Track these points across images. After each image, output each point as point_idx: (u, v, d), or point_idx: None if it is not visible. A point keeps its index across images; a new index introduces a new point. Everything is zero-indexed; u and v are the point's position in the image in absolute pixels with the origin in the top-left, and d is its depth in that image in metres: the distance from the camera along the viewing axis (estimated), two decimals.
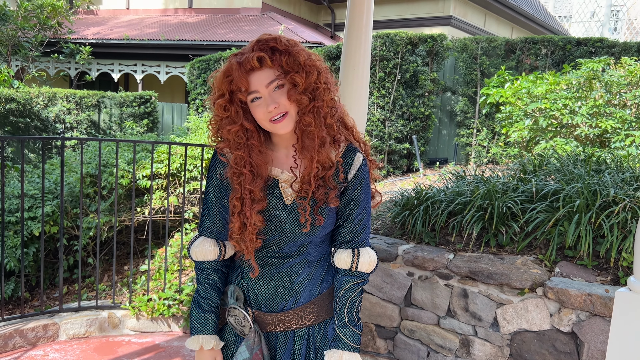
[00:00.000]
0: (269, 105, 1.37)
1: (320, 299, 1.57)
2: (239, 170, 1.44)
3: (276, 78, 1.38)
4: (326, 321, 1.59)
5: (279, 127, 1.40)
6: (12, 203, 4.06)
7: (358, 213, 1.53)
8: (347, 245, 1.55)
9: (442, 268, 2.95)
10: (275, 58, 1.38)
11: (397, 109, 8.36)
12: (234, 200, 1.45)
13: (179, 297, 3.76)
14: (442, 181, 4.05)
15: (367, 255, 1.55)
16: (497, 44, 8.56)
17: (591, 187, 2.95)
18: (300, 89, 1.38)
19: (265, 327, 1.55)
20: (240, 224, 1.45)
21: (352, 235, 1.54)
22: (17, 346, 3.37)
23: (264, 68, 1.37)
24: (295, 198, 1.47)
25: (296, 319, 1.54)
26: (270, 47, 1.38)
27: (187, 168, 4.50)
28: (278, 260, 1.52)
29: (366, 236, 1.57)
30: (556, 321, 2.59)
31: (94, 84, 13.57)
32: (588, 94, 5.06)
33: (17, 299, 4.02)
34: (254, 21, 12.99)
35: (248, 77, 1.38)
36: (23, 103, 9.07)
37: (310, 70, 1.40)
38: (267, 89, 1.38)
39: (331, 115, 1.45)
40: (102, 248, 4.57)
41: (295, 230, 1.48)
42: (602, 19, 22.78)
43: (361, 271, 1.55)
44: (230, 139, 1.45)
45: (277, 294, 1.53)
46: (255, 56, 1.36)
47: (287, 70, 1.38)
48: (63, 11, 11.64)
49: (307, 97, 1.39)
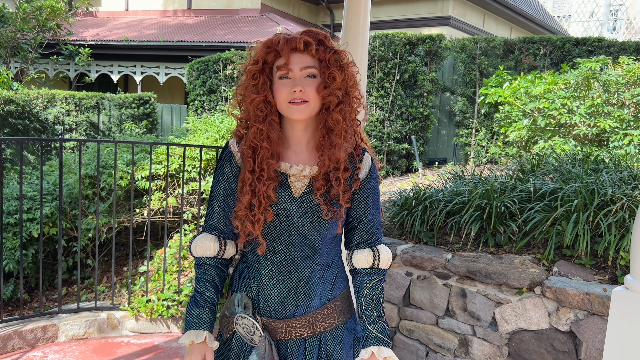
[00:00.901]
0: (295, 86, 1.40)
1: (331, 305, 1.54)
2: (258, 144, 1.44)
3: (312, 66, 1.41)
4: (338, 328, 1.56)
5: (294, 110, 1.41)
6: (11, 204, 4.07)
7: (372, 212, 1.56)
8: (365, 245, 1.57)
9: (440, 268, 2.96)
10: (320, 49, 1.42)
11: (396, 109, 8.36)
12: (247, 174, 1.44)
13: (178, 298, 3.76)
14: (441, 181, 4.05)
15: (385, 252, 1.58)
16: (496, 44, 8.56)
17: (589, 186, 2.96)
18: (335, 86, 1.41)
19: (275, 335, 1.51)
20: (251, 196, 1.43)
21: (368, 235, 1.57)
22: (16, 347, 3.37)
23: (305, 53, 1.41)
24: (305, 191, 1.47)
25: (307, 325, 1.51)
26: (319, 39, 1.43)
27: (186, 169, 4.50)
28: (288, 261, 1.49)
29: (380, 234, 1.60)
30: (554, 320, 2.59)
31: (94, 85, 13.57)
32: (586, 94, 5.06)
33: (16, 301, 4.02)
34: (253, 22, 13.00)
35: (290, 55, 1.41)
36: (22, 105, 9.08)
37: (349, 76, 1.46)
38: (300, 72, 1.41)
39: (356, 124, 1.51)
40: (101, 249, 4.57)
41: (304, 224, 1.47)
42: (601, 19, 22.79)
43: (381, 268, 1.57)
44: (251, 110, 1.45)
45: (288, 298, 1.50)
46: (303, 40, 1.40)
47: (328, 65, 1.41)
48: (62, 13, 11.64)
49: (337, 96, 1.43)
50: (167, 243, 4.21)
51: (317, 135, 1.47)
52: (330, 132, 1.44)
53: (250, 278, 1.53)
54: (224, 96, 9.63)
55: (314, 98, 1.41)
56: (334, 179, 1.46)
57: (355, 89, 1.48)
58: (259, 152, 1.45)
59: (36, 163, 7.80)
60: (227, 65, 9.60)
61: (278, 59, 1.43)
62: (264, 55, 1.43)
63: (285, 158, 1.50)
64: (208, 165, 4.62)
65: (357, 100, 1.49)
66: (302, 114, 1.41)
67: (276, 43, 1.42)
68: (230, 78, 9.57)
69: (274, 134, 1.44)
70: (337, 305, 1.56)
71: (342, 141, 1.45)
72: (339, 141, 1.44)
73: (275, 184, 1.45)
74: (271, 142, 1.45)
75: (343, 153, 1.47)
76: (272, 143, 1.45)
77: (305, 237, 1.48)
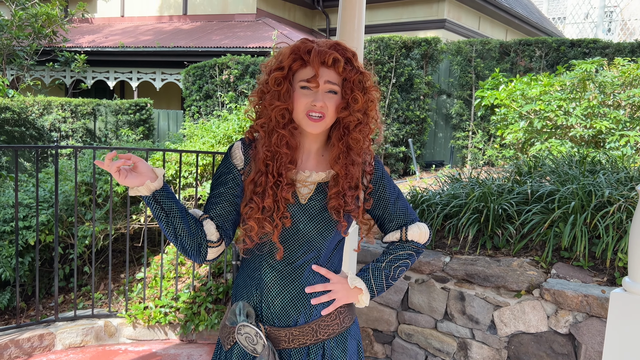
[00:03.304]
0: (317, 100, 1.40)
1: (335, 312, 1.54)
2: (278, 150, 1.43)
3: (337, 83, 1.43)
4: (342, 334, 1.55)
5: (310, 124, 1.42)
6: (7, 212, 4.05)
7: (392, 206, 1.60)
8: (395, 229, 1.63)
9: (438, 271, 2.95)
10: (347, 69, 1.43)
11: (393, 113, 8.37)
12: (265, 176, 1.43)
13: (175, 304, 3.75)
14: (438, 184, 4.05)
15: (416, 228, 1.61)
16: (492, 47, 8.59)
17: (586, 188, 2.96)
18: (356, 108, 1.44)
19: (278, 344, 1.48)
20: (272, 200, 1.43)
21: (396, 225, 1.62)
22: (12, 356, 3.35)
23: (332, 69, 1.42)
24: (311, 197, 1.48)
25: (311, 333, 1.49)
26: (347, 57, 1.44)
27: (183, 175, 4.49)
28: (291, 268, 1.48)
29: (410, 218, 1.63)
30: (553, 323, 2.59)
31: (90, 92, 13.56)
32: (582, 95, 5.07)
33: (13, 309, 4.00)
34: (248, 27, 13.01)
35: (319, 67, 1.41)
36: (18, 112, 9.06)
37: (371, 98, 1.48)
38: (323, 85, 1.42)
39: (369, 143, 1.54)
40: (97, 256, 4.55)
41: (310, 231, 1.47)
42: (596, 20, 22.88)
43: (412, 240, 1.61)
44: (272, 116, 1.43)
45: (291, 306, 1.48)
46: (333, 56, 1.41)
47: (352, 86, 1.43)
48: (58, 20, 11.64)
49: (357, 117, 1.45)
50: (164, 249, 4.19)
51: (334, 151, 1.49)
52: (350, 150, 1.48)
53: (252, 285, 1.51)
54: (220, 101, 9.62)
55: (331, 114, 1.43)
56: (350, 197, 1.49)
57: (373, 109, 1.50)
58: (277, 157, 1.44)
59: (32, 170, 7.77)
60: (223, 71, 9.60)
61: (304, 69, 1.42)
62: (291, 62, 1.42)
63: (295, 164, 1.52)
64: (205, 170, 4.61)
65: (374, 120, 1.52)
66: (318, 128, 1.44)
67: (305, 52, 1.42)
68: (227, 83, 9.57)
69: (293, 141, 1.46)
70: (341, 311, 1.55)
71: (361, 159, 1.50)
72: (358, 159, 1.49)
73: (293, 189, 1.46)
74: (290, 148, 1.46)
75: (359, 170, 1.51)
76: (291, 149, 1.46)
77: (310, 244, 1.48)
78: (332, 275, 1.53)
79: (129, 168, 1.37)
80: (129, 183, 1.36)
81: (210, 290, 3.82)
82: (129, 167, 1.37)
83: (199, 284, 3.87)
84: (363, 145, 1.49)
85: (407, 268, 1.63)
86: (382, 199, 1.58)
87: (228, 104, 8.08)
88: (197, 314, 3.72)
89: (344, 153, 1.47)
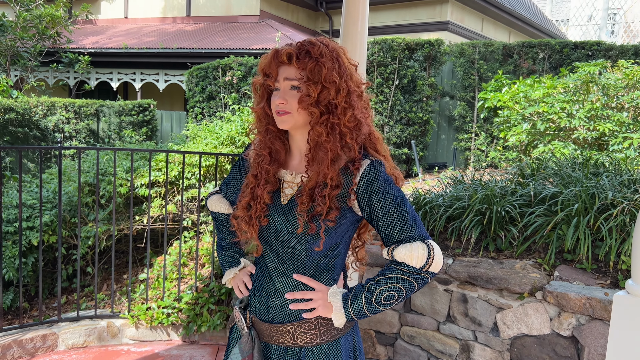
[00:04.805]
0: (278, 97, 1.43)
1: (314, 321, 1.48)
2: (259, 152, 1.53)
3: (295, 78, 1.41)
4: (321, 347, 1.48)
5: (279, 120, 1.45)
6: (11, 213, 4.06)
7: (384, 218, 1.41)
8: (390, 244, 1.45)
9: (441, 273, 2.95)
10: (303, 60, 1.41)
11: (396, 115, 8.37)
12: (250, 177, 1.54)
13: (178, 305, 3.75)
14: (441, 186, 4.04)
15: (404, 248, 1.39)
16: (495, 49, 8.58)
17: (589, 190, 2.95)
18: (311, 100, 1.39)
19: (262, 337, 1.55)
20: (250, 199, 1.51)
21: (392, 241, 1.43)
22: (15, 357, 3.35)
23: (290, 65, 1.42)
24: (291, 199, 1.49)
25: (288, 335, 1.49)
26: (306, 50, 1.42)
27: (186, 176, 4.50)
28: (273, 266, 1.52)
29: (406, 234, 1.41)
30: (556, 325, 2.58)
31: (93, 93, 13.60)
32: (585, 97, 5.07)
33: (16, 309, 4.01)
34: (252, 28, 13.03)
35: (277, 68, 1.44)
36: (22, 113, 9.09)
37: (328, 86, 1.38)
38: (284, 82, 1.43)
39: (351, 136, 1.41)
40: (101, 257, 4.56)
41: (287, 231, 1.47)
42: (599, 23, 22.84)
43: (401, 261, 1.40)
44: (255, 119, 1.55)
45: (269, 302, 1.52)
46: (286, 52, 1.42)
47: (308, 77, 1.40)
48: (62, 21, 11.68)
49: (318, 109, 1.39)
50: (167, 250, 4.20)
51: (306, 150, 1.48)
52: (316, 146, 1.41)
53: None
54: (223, 103, 9.64)
55: (295, 109, 1.41)
56: (320, 197, 1.40)
57: (340, 98, 1.39)
58: (260, 159, 1.52)
59: (36, 171, 7.80)
60: (226, 72, 9.61)
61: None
62: (264, 67, 1.48)
63: (287, 166, 1.55)
64: (207, 172, 4.61)
65: (347, 109, 1.40)
66: (285, 123, 1.44)
67: (272, 55, 1.47)
68: (230, 84, 9.58)
69: (277, 143, 1.52)
70: (322, 323, 1.48)
71: (329, 155, 1.38)
72: (323, 156, 1.40)
73: (271, 188, 1.50)
74: (270, 150, 1.52)
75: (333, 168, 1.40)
76: (272, 151, 1.52)
77: (288, 244, 1.48)
78: (315, 284, 1.48)
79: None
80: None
81: (212, 291, 3.83)
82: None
83: (201, 285, 3.87)
84: (327, 139, 1.38)
85: (400, 295, 1.41)
86: (373, 207, 1.42)
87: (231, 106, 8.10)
88: (200, 315, 3.73)
89: (311, 149, 1.43)
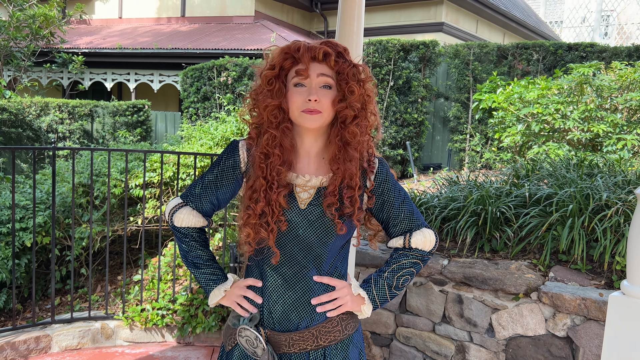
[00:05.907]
0: (311, 95, 1.38)
1: (336, 317, 1.51)
2: (270, 151, 1.42)
3: (330, 76, 1.41)
4: (343, 341, 1.52)
5: (307, 118, 1.40)
6: (4, 214, 4.03)
7: (396, 210, 1.54)
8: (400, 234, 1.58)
9: (436, 274, 2.95)
10: (339, 62, 1.41)
11: (391, 115, 8.38)
12: (259, 180, 1.42)
13: (172, 306, 3.73)
14: (436, 187, 4.05)
15: (420, 235, 1.55)
16: (489, 50, 8.61)
17: (584, 191, 2.96)
18: (353, 100, 1.40)
19: (278, 349, 1.48)
20: (264, 204, 1.41)
21: (400, 231, 1.57)
22: (8, 359, 3.33)
23: (323, 63, 1.41)
24: (311, 202, 1.45)
25: (311, 339, 1.47)
26: (338, 51, 1.42)
27: (180, 177, 4.48)
28: (292, 272, 1.47)
29: (415, 223, 1.57)
30: (551, 326, 2.59)
31: (87, 93, 13.54)
32: (579, 99, 5.09)
33: (9, 311, 3.98)
34: (246, 29, 13.01)
35: (309, 63, 1.40)
36: (15, 113, 9.04)
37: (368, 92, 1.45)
38: (317, 78, 1.40)
39: (369, 139, 1.50)
40: (95, 258, 4.54)
41: (309, 236, 1.45)
42: (593, 24, 22.97)
43: (415, 247, 1.56)
44: (265, 116, 1.44)
45: (292, 310, 1.47)
46: (323, 50, 1.40)
47: (346, 78, 1.40)
48: (55, 21, 11.61)
49: (354, 110, 1.42)
50: (162, 251, 4.18)
51: (332, 149, 1.45)
52: (347, 146, 1.43)
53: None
54: (218, 103, 9.62)
55: (327, 109, 1.40)
56: (348, 198, 1.44)
57: (371, 103, 1.47)
58: (270, 159, 1.43)
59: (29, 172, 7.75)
60: (221, 73, 9.60)
61: (295, 66, 1.42)
62: (282, 61, 1.43)
63: (294, 168, 1.48)
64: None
65: (373, 115, 1.48)
66: (316, 122, 1.40)
67: (295, 50, 1.42)
68: (225, 85, 9.56)
69: (287, 142, 1.44)
70: (343, 318, 1.52)
71: (358, 155, 1.45)
72: (355, 154, 1.43)
73: (286, 192, 1.43)
74: (283, 149, 1.44)
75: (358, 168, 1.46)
76: (284, 150, 1.44)
77: (310, 249, 1.46)
78: (336, 282, 1.51)
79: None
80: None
81: None
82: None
83: (196, 286, 3.86)
84: (361, 139, 1.44)
85: (412, 277, 1.58)
86: (386, 202, 1.53)
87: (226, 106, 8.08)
88: (195, 317, 3.71)
89: (341, 149, 1.43)
